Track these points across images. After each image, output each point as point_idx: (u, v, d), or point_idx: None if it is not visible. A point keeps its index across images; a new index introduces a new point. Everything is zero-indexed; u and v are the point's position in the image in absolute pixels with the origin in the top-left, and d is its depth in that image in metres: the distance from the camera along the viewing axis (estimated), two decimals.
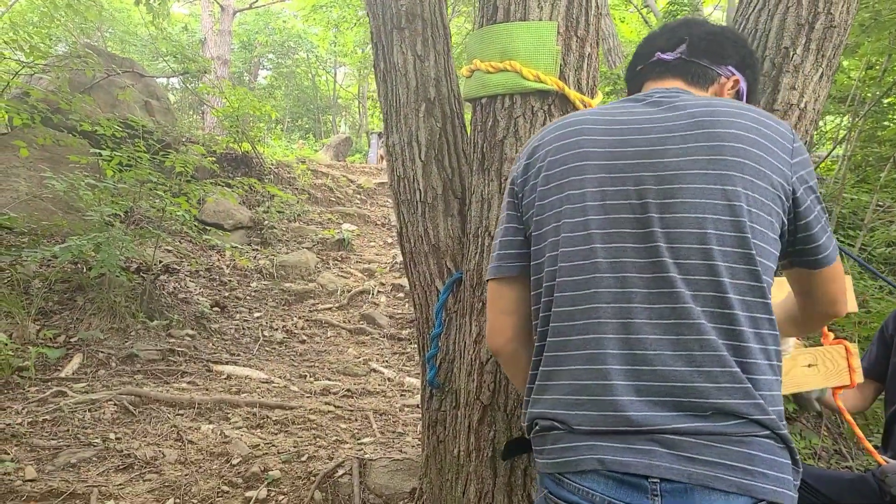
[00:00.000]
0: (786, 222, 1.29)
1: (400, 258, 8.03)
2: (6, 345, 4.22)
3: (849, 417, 2.21)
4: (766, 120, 1.30)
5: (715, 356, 1.18)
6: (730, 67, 1.53)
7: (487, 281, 1.55)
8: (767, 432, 1.16)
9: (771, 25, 2.38)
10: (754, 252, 1.21)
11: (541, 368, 1.35)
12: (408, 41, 2.60)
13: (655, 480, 1.14)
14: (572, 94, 2.19)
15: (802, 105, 2.40)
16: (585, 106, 2.23)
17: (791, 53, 2.35)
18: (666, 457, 1.14)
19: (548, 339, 1.34)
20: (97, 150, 5.57)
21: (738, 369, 1.17)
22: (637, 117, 1.37)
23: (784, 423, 1.20)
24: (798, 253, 1.34)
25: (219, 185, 6.95)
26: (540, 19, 2.18)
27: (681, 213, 1.24)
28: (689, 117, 1.31)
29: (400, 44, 2.60)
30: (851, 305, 2.07)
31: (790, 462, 1.19)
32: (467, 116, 2.72)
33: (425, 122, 2.58)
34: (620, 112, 1.40)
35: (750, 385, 1.17)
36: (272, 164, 10.00)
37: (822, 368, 2.07)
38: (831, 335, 2.11)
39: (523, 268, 1.46)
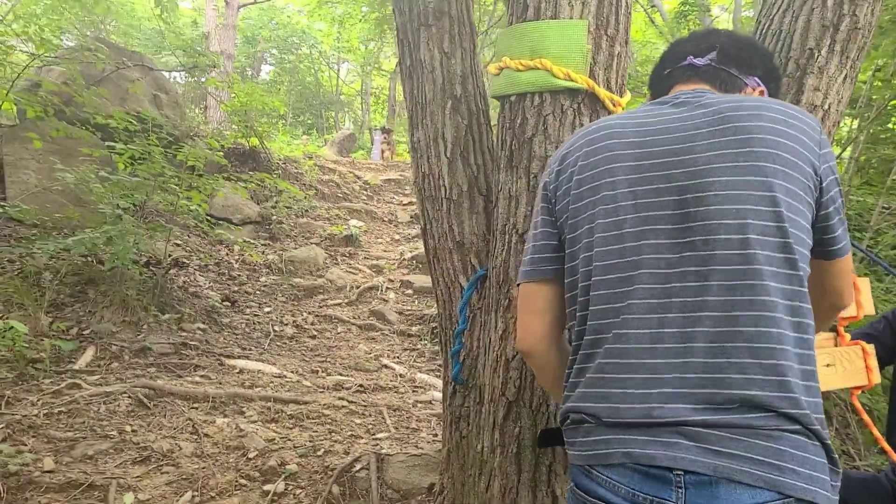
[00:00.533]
0: (815, 212, 1.30)
1: (408, 255, 8.05)
2: (23, 334, 4.23)
3: (866, 417, 2.22)
4: (792, 111, 1.31)
5: (748, 347, 1.17)
6: (755, 78, 1.56)
7: (520, 284, 1.57)
8: (798, 427, 1.14)
9: (795, 27, 2.38)
10: (792, 241, 1.21)
11: (576, 366, 1.38)
12: (435, 38, 2.60)
13: (680, 473, 1.14)
14: (602, 92, 2.20)
15: (826, 106, 2.41)
16: (615, 104, 2.24)
17: (816, 55, 2.36)
18: (692, 449, 1.14)
19: (584, 337, 1.37)
20: (111, 143, 5.57)
21: (772, 361, 1.16)
22: (664, 118, 1.39)
23: (821, 418, 1.18)
24: (817, 243, 1.33)
25: (231, 179, 6.95)
26: (571, 17, 2.19)
27: (715, 205, 1.24)
28: (715, 113, 1.32)
29: (427, 41, 2.61)
30: (868, 308, 2.08)
31: (825, 461, 1.17)
32: (492, 114, 2.73)
33: (451, 119, 2.59)
34: (648, 114, 1.42)
35: (783, 377, 1.16)
36: (279, 160, 10.02)
37: (840, 368, 2.09)
38: (848, 336, 2.12)
39: (557, 270, 1.48)
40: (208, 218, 6.77)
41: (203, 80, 10.36)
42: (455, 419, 2.63)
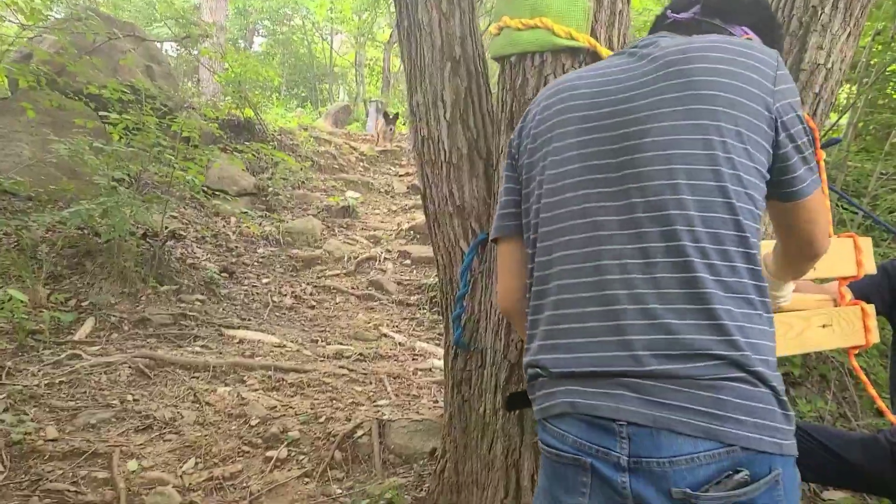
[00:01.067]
0: (773, 151, 1.25)
1: (405, 225, 8.04)
2: (23, 303, 4.22)
3: (864, 377, 2.22)
4: (742, 49, 1.27)
5: (682, 294, 1.17)
6: (743, 28, 1.51)
7: (496, 244, 1.58)
8: (741, 374, 1.13)
9: None
10: (728, 183, 1.19)
11: (530, 318, 1.39)
12: None
13: (623, 423, 1.15)
14: (604, 51, 2.16)
15: (829, 65, 2.39)
16: None
17: (819, 12, 2.33)
18: (633, 401, 1.15)
19: (533, 289, 1.38)
20: (106, 113, 5.51)
21: (705, 305, 1.15)
22: (616, 68, 1.37)
23: (768, 360, 1.17)
24: (775, 184, 1.29)
25: (227, 150, 6.88)
26: None
27: (650, 152, 1.23)
28: (662, 58, 1.30)
29: (425, 1, 2.56)
30: (870, 267, 2.07)
31: (774, 407, 1.15)
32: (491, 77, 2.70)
33: (451, 82, 2.56)
34: (604, 66, 1.41)
35: (718, 321, 1.14)
36: (275, 131, 9.94)
37: (838, 329, 2.08)
38: (848, 296, 2.11)
39: (518, 227, 1.49)
40: (204, 190, 6.72)
41: (196, 51, 10.22)
42: (457, 383, 2.64)
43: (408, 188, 9.75)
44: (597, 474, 1.18)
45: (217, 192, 7.63)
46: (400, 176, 10.35)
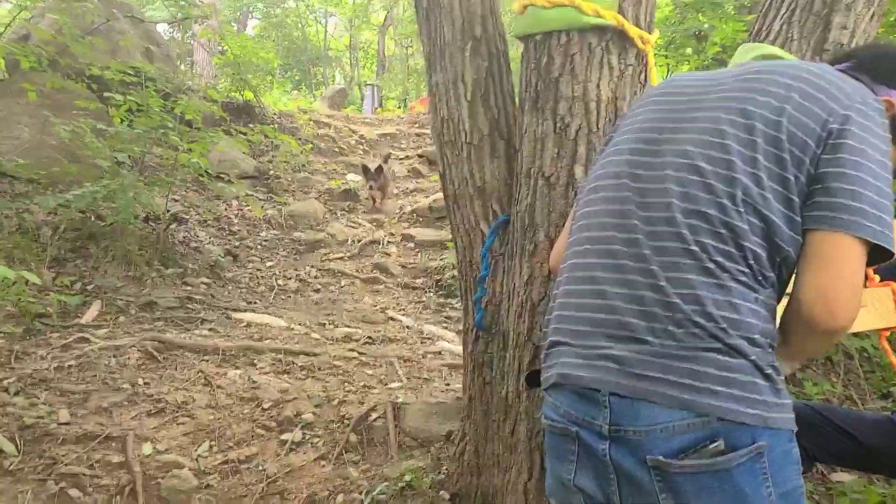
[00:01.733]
0: (813, 171, 1.21)
1: (408, 209, 8.01)
2: (28, 284, 4.18)
3: (893, 359, 2.22)
4: (830, 76, 1.28)
5: (671, 264, 1.21)
6: (891, 91, 1.48)
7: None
8: (719, 346, 1.15)
9: None
10: (740, 193, 1.20)
11: (554, 291, 1.48)
12: None
13: (605, 394, 1.20)
14: (632, 29, 2.14)
15: (852, 45, 2.36)
16: (644, 42, 2.19)
17: None
18: (615, 372, 1.20)
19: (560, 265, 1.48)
20: (110, 94, 5.45)
21: (687, 288, 1.18)
22: (709, 75, 1.45)
23: (753, 345, 1.16)
24: (807, 207, 1.21)
25: (230, 133, 6.83)
26: None
27: (669, 157, 1.30)
28: (748, 71, 1.35)
29: None
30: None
31: (757, 379, 1.15)
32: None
33: (472, 62, 2.52)
34: (701, 74, 1.50)
35: (699, 293, 1.17)
36: (274, 114, 9.86)
37: (872, 309, 2.07)
38: (877, 277, 2.10)
39: None
40: (207, 173, 6.68)
41: (193, 32, 10.11)
42: (478, 365, 2.63)
43: (409, 171, 9.70)
44: (582, 443, 1.25)
45: (218, 176, 7.58)
46: (400, 159, 10.29)
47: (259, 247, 6.63)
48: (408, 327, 5.11)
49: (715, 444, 1.12)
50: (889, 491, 2.97)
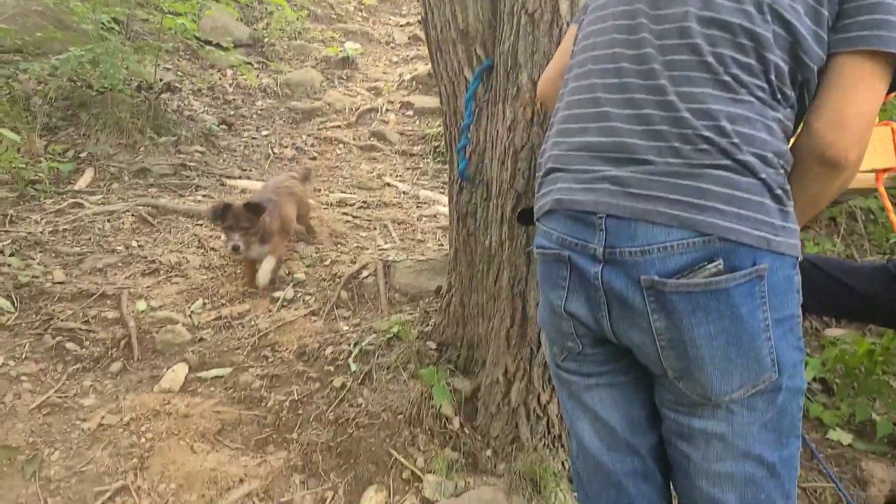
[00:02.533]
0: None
1: (407, 76, 7.76)
2: (19, 150, 4.14)
3: (888, 203, 2.16)
4: None
5: (676, 92, 1.15)
6: None
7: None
8: (728, 163, 1.09)
9: None
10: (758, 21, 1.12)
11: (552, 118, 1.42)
12: None
13: (602, 216, 1.16)
14: None
15: None
16: None
17: None
18: (614, 194, 1.15)
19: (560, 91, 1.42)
20: None
21: (697, 101, 1.13)
22: None
23: (766, 164, 1.11)
24: (835, 29, 1.13)
25: None
26: None
27: None
28: None
29: None
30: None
31: (764, 199, 1.10)
32: None
33: None
34: None
35: (709, 107, 1.11)
36: None
37: (871, 149, 2.00)
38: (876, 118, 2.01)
39: None
40: (197, 39, 6.44)
41: None
42: (462, 216, 2.60)
43: (409, 39, 9.34)
44: (574, 267, 1.22)
45: (210, 43, 7.31)
46: (401, 26, 9.88)
47: (254, 116, 6.49)
48: (404, 192, 5.07)
49: (714, 265, 1.08)
50: (881, 342, 2.99)
